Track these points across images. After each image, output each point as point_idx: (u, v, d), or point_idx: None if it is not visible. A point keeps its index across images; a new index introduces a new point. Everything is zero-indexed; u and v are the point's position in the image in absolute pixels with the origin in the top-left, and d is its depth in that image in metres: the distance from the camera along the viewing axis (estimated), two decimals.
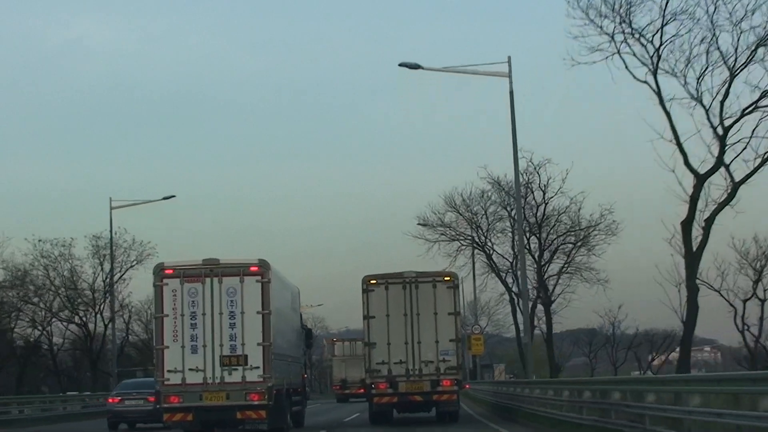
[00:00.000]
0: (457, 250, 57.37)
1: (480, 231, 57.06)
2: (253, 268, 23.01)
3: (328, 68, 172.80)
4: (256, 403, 22.51)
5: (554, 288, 55.55)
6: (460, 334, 28.33)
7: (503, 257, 57.61)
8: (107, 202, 51.88)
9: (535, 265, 55.34)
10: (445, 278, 27.78)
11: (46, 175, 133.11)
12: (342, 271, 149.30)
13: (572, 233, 55.12)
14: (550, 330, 55.88)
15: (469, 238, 57.58)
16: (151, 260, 59.82)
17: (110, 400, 32.72)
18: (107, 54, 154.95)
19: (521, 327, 52.32)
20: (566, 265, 55.50)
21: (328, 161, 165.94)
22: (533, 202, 54.54)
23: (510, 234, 56.13)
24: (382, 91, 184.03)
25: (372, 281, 27.41)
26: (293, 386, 26.75)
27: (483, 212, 57.08)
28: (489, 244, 57.42)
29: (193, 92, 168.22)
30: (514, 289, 56.19)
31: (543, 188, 54.13)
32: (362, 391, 52.21)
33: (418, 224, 56.26)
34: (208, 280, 22.91)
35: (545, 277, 55.58)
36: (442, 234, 57.13)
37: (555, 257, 55.82)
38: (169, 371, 22.59)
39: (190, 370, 22.54)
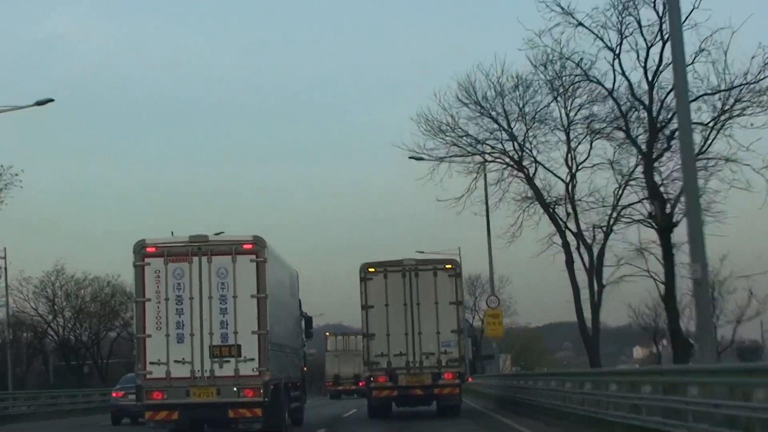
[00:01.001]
0: (479, 166, 36.63)
1: (515, 142, 35.60)
2: (246, 246, 19.96)
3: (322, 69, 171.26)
4: (250, 399, 19.51)
5: (677, 198, 30.68)
6: (462, 325, 26.89)
7: (554, 175, 36.09)
8: None
9: (641, 158, 32.27)
10: (447, 266, 26.46)
11: None
12: (321, 264, 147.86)
13: (721, 93, 30.02)
14: (672, 277, 31.20)
15: (498, 149, 36.13)
16: (12, 193, 42.77)
17: (114, 395, 32.01)
18: (89, 51, 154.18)
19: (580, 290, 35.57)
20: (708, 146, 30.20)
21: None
22: (636, 45, 30.80)
23: (565, 139, 35.12)
24: (380, 89, 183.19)
25: (370, 269, 26.14)
26: (292, 380, 23.70)
27: (518, 109, 35.22)
28: (530, 156, 35.99)
29: (182, 93, 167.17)
30: (572, 227, 35.98)
31: (659, 12, 29.65)
32: (360, 385, 49.63)
33: (411, 158, 36.44)
34: (195, 259, 19.85)
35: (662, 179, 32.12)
36: (454, 144, 35.74)
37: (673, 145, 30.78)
38: (151, 363, 19.54)
39: (176, 362, 19.50)
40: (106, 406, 36.50)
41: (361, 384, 48.13)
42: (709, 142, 30.93)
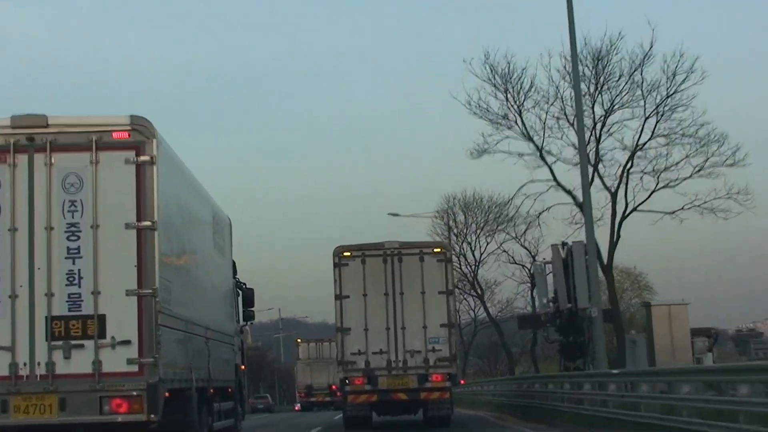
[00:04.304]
0: None
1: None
2: (118, 135, 10.39)
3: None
4: (124, 416, 10.20)
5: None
6: (453, 318, 23.89)
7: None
8: None
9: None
10: (435, 250, 23.69)
11: None
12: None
13: None
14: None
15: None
16: None
17: None
18: (22, 42, 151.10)
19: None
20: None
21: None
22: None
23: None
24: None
25: (346, 253, 23.36)
26: (215, 383, 13.92)
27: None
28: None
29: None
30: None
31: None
32: (337, 395, 44.61)
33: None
34: (23, 158, 10.39)
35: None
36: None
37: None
38: None
39: None
40: None
41: (334, 389, 42.94)
42: None
